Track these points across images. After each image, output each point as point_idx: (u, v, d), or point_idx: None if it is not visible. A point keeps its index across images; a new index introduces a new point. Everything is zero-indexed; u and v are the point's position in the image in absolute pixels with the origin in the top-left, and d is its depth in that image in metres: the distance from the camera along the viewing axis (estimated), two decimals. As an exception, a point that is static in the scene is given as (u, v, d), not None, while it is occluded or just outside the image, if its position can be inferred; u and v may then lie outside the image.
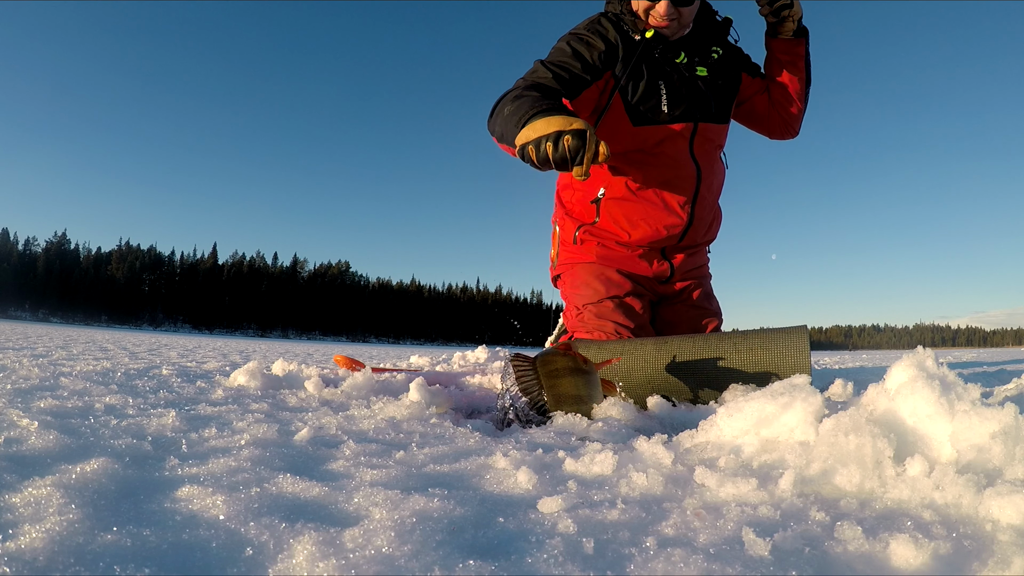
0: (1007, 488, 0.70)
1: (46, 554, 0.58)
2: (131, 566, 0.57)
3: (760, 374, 1.64)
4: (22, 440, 1.02)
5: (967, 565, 0.59)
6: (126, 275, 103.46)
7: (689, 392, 1.70)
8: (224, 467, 0.92)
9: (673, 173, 2.12)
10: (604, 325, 2.11)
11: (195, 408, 1.51)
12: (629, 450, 1.10)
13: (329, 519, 0.71)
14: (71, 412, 1.36)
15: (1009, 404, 0.84)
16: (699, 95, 2.09)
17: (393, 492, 0.79)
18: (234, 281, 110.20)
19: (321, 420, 1.38)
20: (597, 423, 1.33)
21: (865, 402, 0.99)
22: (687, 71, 2.08)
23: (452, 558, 0.59)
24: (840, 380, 1.83)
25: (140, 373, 2.45)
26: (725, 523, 0.70)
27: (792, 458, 0.90)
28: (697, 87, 2.09)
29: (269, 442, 1.12)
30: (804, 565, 0.59)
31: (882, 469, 0.83)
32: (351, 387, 1.82)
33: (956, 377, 0.95)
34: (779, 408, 1.02)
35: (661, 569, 0.58)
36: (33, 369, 2.37)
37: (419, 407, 1.51)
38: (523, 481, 0.87)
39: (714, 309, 2.41)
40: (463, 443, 1.17)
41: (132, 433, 1.15)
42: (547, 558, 0.60)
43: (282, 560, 0.59)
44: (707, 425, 1.12)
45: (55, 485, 0.76)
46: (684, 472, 0.93)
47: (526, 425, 1.36)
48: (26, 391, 1.67)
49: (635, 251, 2.24)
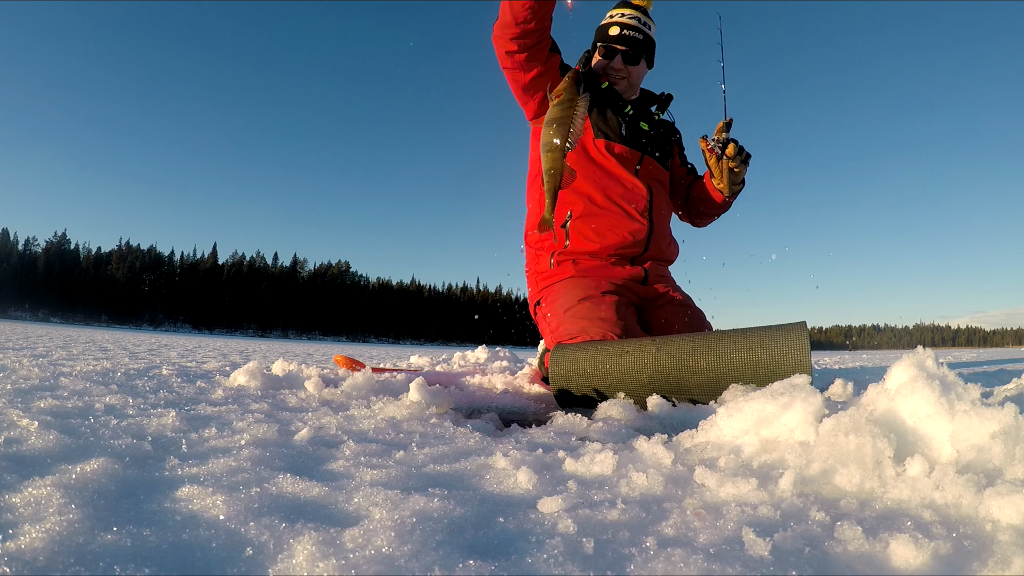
0: (1007, 488, 0.70)
1: (46, 554, 0.58)
2: (131, 566, 0.57)
3: (760, 373, 1.64)
4: (22, 440, 1.02)
5: (967, 565, 0.59)
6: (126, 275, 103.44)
7: (689, 392, 1.69)
8: (224, 467, 0.92)
9: (627, 189, 2.41)
10: (588, 326, 2.14)
11: (195, 408, 1.51)
12: (629, 450, 1.10)
13: (329, 519, 0.71)
14: (71, 412, 1.36)
15: (1009, 404, 0.84)
16: (644, 136, 2.49)
17: (393, 492, 0.79)
18: (234, 281, 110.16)
19: (321, 420, 1.38)
20: (597, 423, 1.33)
21: (865, 402, 0.98)
22: (635, 119, 2.49)
23: (452, 558, 0.59)
24: (840, 380, 1.83)
25: (140, 373, 2.45)
26: (725, 523, 0.70)
27: (792, 458, 0.90)
28: (642, 131, 2.50)
29: (269, 442, 1.12)
30: (804, 565, 0.59)
31: (882, 469, 0.83)
32: (351, 387, 1.82)
33: (956, 377, 0.95)
34: (779, 408, 1.02)
35: (661, 569, 0.58)
36: (33, 369, 2.37)
37: (419, 407, 1.51)
38: (523, 481, 0.87)
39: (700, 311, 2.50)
40: (463, 443, 1.17)
41: (132, 433, 1.15)
42: (547, 558, 0.60)
43: (282, 560, 0.59)
44: (707, 425, 1.12)
45: (55, 485, 0.76)
46: (684, 472, 0.93)
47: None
48: (26, 391, 1.67)
49: (608, 260, 2.41)
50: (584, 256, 2.40)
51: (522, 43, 2.07)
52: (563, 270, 2.41)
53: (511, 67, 2.18)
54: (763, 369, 1.63)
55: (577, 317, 2.18)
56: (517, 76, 2.21)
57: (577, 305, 2.22)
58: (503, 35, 2.07)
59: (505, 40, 2.08)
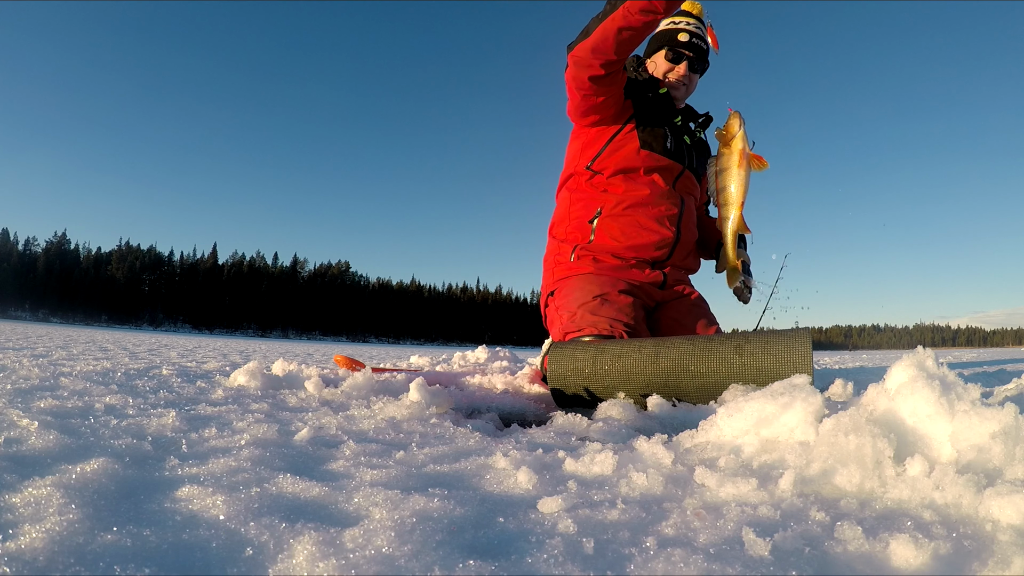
0: (1007, 488, 0.70)
1: (46, 554, 0.58)
2: (131, 566, 0.57)
3: (760, 380, 1.62)
4: (22, 440, 1.02)
5: (967, 565, 0.59)
6: (126, 275, 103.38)
7: (689, 394, 1.69)
8: (224, 467, 0.92)
9: (661, 196, 2.41)
10: (598, 321, 2.14)
11: (195, 408, 1.51)
12: (629, 450, 1.10)
13: (329, 519, 0.71)
14: (71, 412, 1.36)
15: (1009, 404, 0.84)
16: (687, 149, 2.51)
17: (393, 492, 0.79)
18: (234, 281, 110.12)
19: (321, 420, 1.38)
20: (597, 423, 1.33)
21: (865, 402, 0.98)
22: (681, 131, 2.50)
23: (452, 558, 0.59)
24: (840, 380, 1.83)
25: (140, 373, 2.45)
26: (725, 523, 0.70)
27: (792, 458, 0.90)
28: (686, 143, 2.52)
29: (269, 442, 1.12)
30: (804, 565, 0.59)
31: (882, 469, 0.83)
32: (351, 387, 1.82)
33: (956, 377, 0.95)
34: (779, 408, 1.02)
35: (661, 569, 0.58)
36: (33, 369, 2.37)
37: (419, 407, 1.51)
38: (523, 481, 0.87)
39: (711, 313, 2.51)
40: (463, 443, 1.17)
41: (132, 433, 1.15)
42: (547, 558, 0.60)
43: (282, 560, 0.59)
44: (707, 425, 1.12)
45: (55, 485, 0.76)
46: (684, 472, 0.93)
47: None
48: (26, 391, 1.67)
49: (628, 262, 2.40)
50: (606, 254, 2.40)
51: (610, 69, 2.10)
52: (583, 265, 2.42)
53: (588, 90, 2.18)
54: (763, 376, 1.62)
55: (589, 312, 2.19)
56: (591, 96, 2.22)
57: (591, 301, 2.23)
58: (592, 60, 2.06)
59: (594, 66, 2.07)
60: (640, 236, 2.36)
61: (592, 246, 2.41)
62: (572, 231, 2.46)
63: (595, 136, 2.40)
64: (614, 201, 2.38)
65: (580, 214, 2.44)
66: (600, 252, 2.41)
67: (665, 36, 2.45)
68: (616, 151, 2.37)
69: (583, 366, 1.78)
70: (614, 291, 2.26)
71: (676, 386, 1.69)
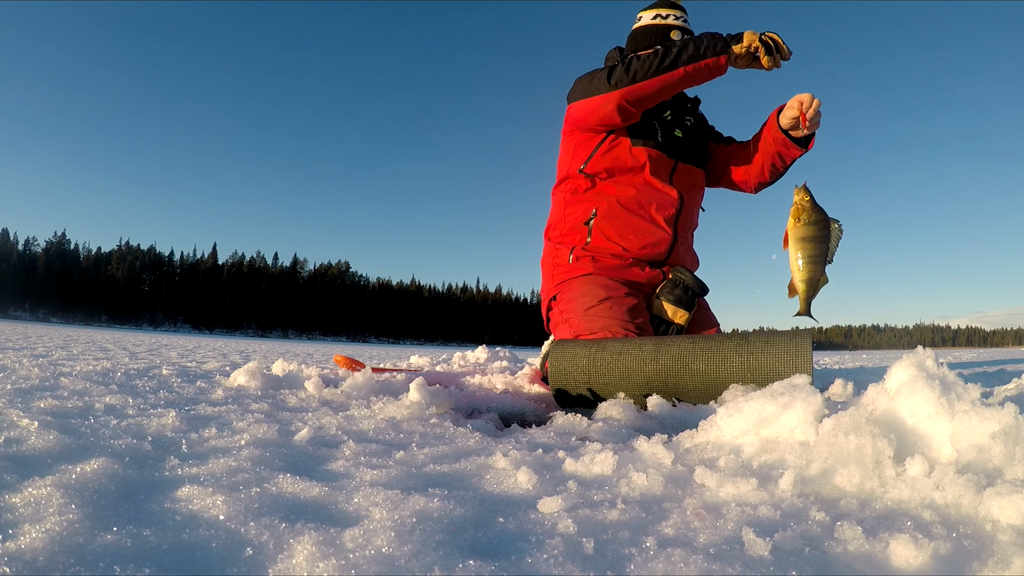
0: (1007, 488, 0.70)
1: (46, 554, 0.58)
2: (131, 566, 0.57)
3: (760, 380, 1.62)
4: (22, 440, 1.02)
5: (967, 565, 0.59)
6: (126, 275, 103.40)
7: (688, 393, 1.69)
8: (224, 467, 0.92)
9: (657, 194, 2.40)
10: (609, 324, 2.15)
11: (195, 408, 1.51)
12: (629, 450, 1.10)
13: (329, 519, 0.71)
14: (71, 412, 1.36)
15: (1009, 404, 0.84)
16: (679, 141, 2.48)
17: (393, 492, 0.79)
18: (234, 281, 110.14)
19: (321, 420, 1.38)
20: (597, 423, 1.33)
21: (865, 402, 0.98)
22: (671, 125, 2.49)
23: (452, 558, 0.59)
24: (840, 380, 1.83)
25: (140, 373, 2.45)
26: (725, 523, 0.70)
27: (792, 458, 0.90)
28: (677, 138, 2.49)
29: (269, 442, 1.12)
30: (804, 565, 0.59)
31: (882, 469, 0.83)
32: (351, 387, 1.82)
33: (956, 377, 0.95)
34: (779, 408, 1.02)
35: (661, 569, 0.58)
36: (33, 369, 2.37)
37: (419, 407, 1.51)
38: (523, 481, 0.87)
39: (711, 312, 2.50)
40: (463, 443, 1.17)
41: (132, 433, 1.15)
42: (547, 558, 0.60)
43: (282, 560, 0.59)
44: (707, 425, 1.12)
45: (55, 485, 0.76)
46: (684, 472, 0.93)
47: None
48: (26, 391, 1.67)
49: (627, 262, 2.40)
50: (605, 255, 2.40)
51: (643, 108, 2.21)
52: (582, 265, 2.41)
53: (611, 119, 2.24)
54: (763, 376, 1.62)
55: (598, 316, 2.19)
56: (608, 122, 2.28)
57: (599, 304, 2.22)
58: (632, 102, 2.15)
59: (628, 106, 2.16)
60: (636, 237, 2.36)
61: (589, 247, 2.41)
62: (568, 234, 2.46)
63: (587, 138, 2.41)
64: (608, 203, 2.38)
65: (575, 217, 2.44)
66: (598, 252, 2.40)
67: (656, 32, 2.41)
68: (608, 151, 2.38)
69: (584, 363, 1.78)
70: (619, 293, 2.26)
71: (676, 384, 1.69)
